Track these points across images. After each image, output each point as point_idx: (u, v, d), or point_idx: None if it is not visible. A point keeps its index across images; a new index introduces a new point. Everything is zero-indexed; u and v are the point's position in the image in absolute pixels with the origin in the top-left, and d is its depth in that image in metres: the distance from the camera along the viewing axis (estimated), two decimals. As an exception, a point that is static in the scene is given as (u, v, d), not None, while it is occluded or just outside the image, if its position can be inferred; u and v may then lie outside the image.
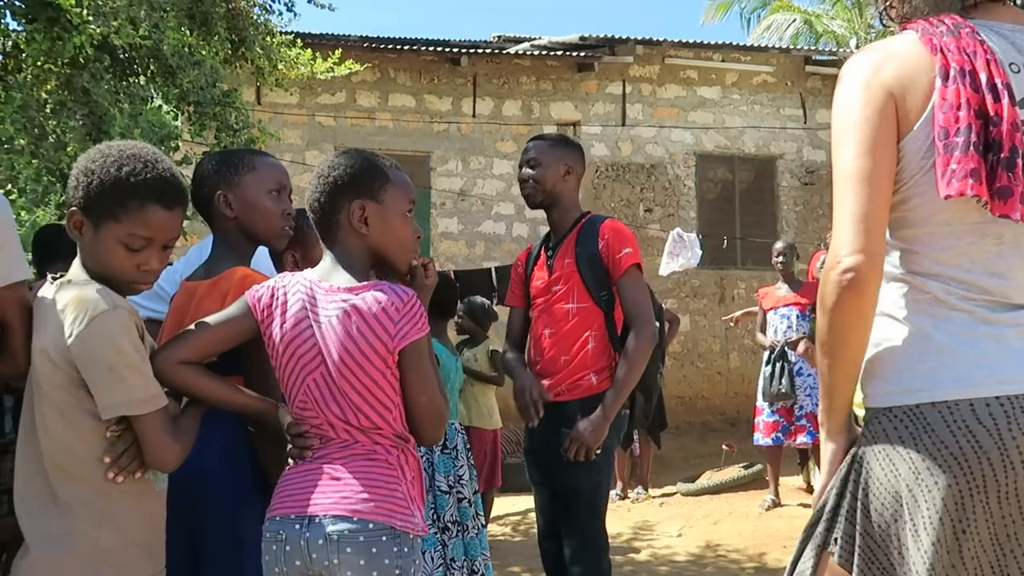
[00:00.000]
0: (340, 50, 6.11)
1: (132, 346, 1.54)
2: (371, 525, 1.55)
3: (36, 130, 3.90)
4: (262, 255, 2.10)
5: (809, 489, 6.23)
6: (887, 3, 1.41)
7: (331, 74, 5.84)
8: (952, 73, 1.24)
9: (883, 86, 1.28)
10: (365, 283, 1.63)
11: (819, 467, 1.47)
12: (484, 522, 3.89)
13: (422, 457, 3.02)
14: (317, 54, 5.88)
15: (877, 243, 1.26)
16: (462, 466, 3.75)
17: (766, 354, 5.84)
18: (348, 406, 1.60)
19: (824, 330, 1.30)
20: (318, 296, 1.64)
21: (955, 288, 1.27)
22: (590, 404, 2.65)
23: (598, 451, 2.64)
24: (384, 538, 1.56)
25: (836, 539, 1.33)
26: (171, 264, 2.32)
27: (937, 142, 1.23)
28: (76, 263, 1.63)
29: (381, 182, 1.70)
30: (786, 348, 5.70)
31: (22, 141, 3.82)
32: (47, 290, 1.61)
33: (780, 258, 5.95)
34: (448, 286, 4.02)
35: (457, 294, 4.45)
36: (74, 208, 1.58)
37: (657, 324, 2.82)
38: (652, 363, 2.78)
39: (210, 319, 1.69)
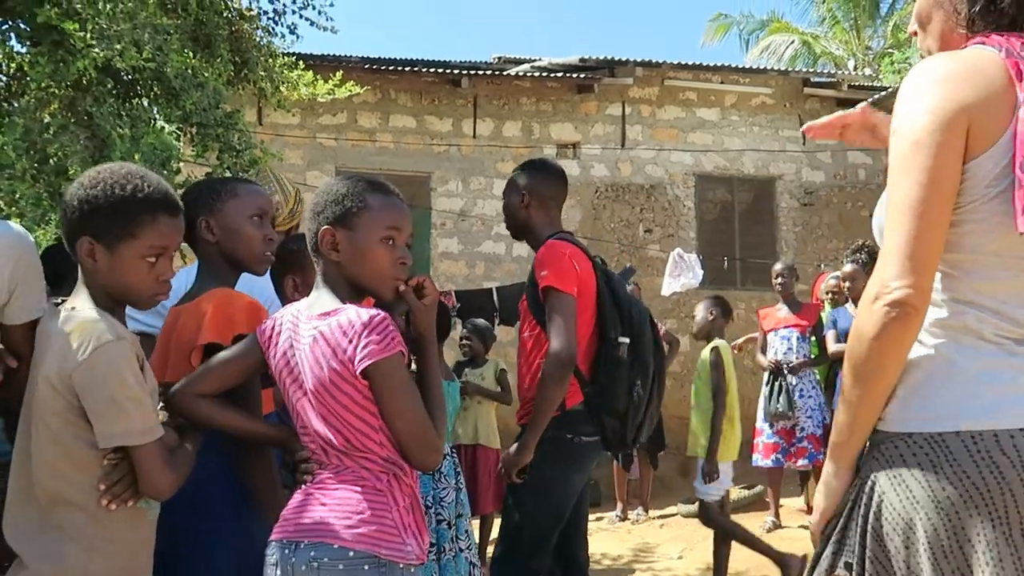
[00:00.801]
0: (341, 72, 6.15)
1: (134, 377, 1.57)
2: (352, 553, 1.53)
3: (37, 154, 3.92)
4: (264, 282, 2.11)
5: (811, 510, 6.21)
6: (978, 7, 1.32)
7: (332, 96, 5.87)
8: None
9: (961, 104, 1.22)
10: (336, 308, 1.63)
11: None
12: (463, 547, 3.80)
13: None
14: (318, 76, 5.92)
15: (929, 278, 1.23)
16: (445, 488, 3.70)
17: (766, 374, 5.84)
18: (330, 429, 1.60)
19: (860, 359, 1.25)
20: (300, 324, 1.66)
21: (989, 318, 1.25)
22: None
23: (525, 475, 2.64)
24: (367, 567, 1.53)
25: (845, 563, 1.31)
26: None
27: (1019, 173, 1.19)
28: (81, 292, 1.65)
29: (356, 208, 1.68)
30: (786, 371, 5.70)
31: (23, 165, 3.83)
32: (50, 317, 1.64)
33: (779, 279, 5.96)
34: (440, 307, 4.00)
35: (450, 316, 4.43)
36: (84, 236, 1.61)
37: (627, 340, 2.69)
38: (619, 382, 2.66)
39: (225, 353, 1.74)
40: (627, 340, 2.66)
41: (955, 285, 1.28)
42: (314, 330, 1.62)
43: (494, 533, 5.65)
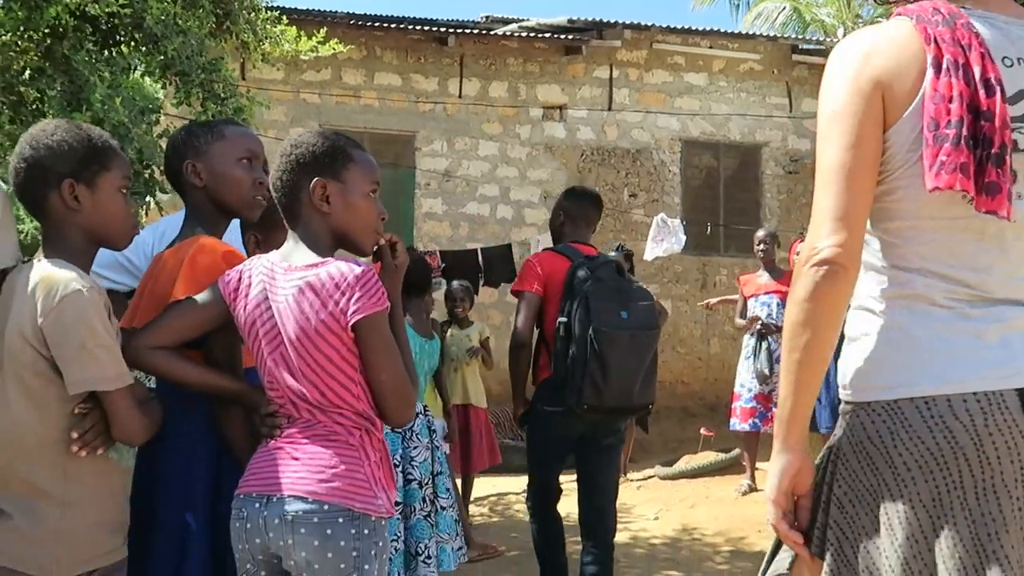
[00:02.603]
0: (326, 29, 6.04)
1: (102, 325, 1.58)
2: (326, 506, 1.56)
3: (14, 96, 3.84)
4: (234, 235, 2.06)
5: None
6: None
7: (315, 54, 5.76)
8: (945, 64, 1.23)
9: (872, 76, 1.26)
10: (321, 260, 1.62)
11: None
12: (445, 505, 3.80)
13: None
14: (302, 32, 5.81)
15: (857, 238, 1.25)
16: (416, 447, 3.69)
17: (748, 337, 5.89)
18: (306, 383, 1.60)
19: (797, 322, 1.27)
20: (277, 276, 1.64)
21: (937, 282, 1.26)
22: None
23: (524, 426, 3.55)
24: (341, 520, 1.56)
25: (812, 530, 1.32)
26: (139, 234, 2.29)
27: (926, 132, 1.22)
28: (49, 245, 1.65)
29: (343, 161, 1.68)
30: (764, 331, 5.75)
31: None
32: (18, 272, 1.64)
33: (762, 246, 5.98)
34: (419, 263, 3.98)
35: (430, 272, 4.39)
36: (68, 180, 1.61)
37: (564, 320, 3.25)
38: (560, 353, 3.24)
39: (183, 303, 1.69)
40: (564, 319, 3.28)
41: (899, 252, 1.29)
42: (300, 280, 1.60)
43: (476, 492, 5.69)
